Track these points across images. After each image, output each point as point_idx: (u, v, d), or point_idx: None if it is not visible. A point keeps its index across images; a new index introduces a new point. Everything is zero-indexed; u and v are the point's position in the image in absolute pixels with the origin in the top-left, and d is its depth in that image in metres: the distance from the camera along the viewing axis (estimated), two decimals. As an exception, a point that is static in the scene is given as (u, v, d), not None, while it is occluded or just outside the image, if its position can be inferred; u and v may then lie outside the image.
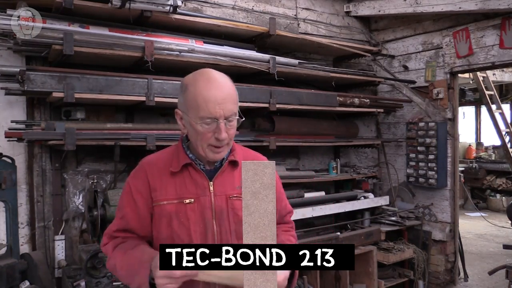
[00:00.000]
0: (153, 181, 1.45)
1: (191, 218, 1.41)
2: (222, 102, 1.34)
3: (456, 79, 4.68)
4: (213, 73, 1.40)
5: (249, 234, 1.10)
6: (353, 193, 4.43)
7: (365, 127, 5.27)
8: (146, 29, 3.30)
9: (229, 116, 1.36)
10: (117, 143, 3.00)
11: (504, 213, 8.02)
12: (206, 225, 1.42)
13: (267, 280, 1.10)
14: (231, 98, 1.37)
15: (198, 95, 1.35)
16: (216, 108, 1.33)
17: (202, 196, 1.43)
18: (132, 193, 1.47)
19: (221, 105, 1.33)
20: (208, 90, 1.34)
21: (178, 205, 1.42)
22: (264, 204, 1.11)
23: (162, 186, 1.45)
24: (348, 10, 5.02)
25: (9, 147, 3.07)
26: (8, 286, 2.68)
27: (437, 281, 4.65)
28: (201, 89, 1.35)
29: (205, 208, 1.43)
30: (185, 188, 1.44)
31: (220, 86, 1.36)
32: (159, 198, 1.44)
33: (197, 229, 1.41)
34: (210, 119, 1.34)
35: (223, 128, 1.35)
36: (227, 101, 1.35)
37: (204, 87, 1.35)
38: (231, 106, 1.36)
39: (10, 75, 2.95)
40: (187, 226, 1.41)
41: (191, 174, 1.45)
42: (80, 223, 3.28)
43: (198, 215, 1.42)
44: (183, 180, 1.45)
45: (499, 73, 8.20)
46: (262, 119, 4.09)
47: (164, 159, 1.50)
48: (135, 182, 1.48)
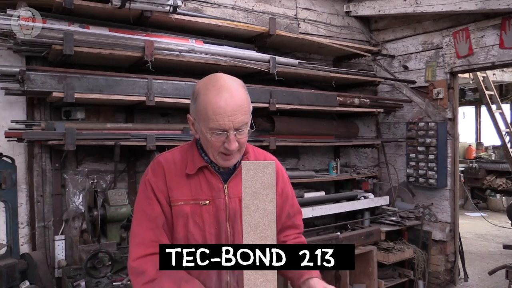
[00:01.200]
0: (170, 181, 1.43)
1: (206, 220, 1.42)
2: (231, 114, 1.31)
3: (456, 79, 4.68)
4: (224, 81, 1.35)
5: (249, 234, 1.10)
6: (353, 193, 4.43)
7: (365, 127, 5.27)
8: (146, 29, 3.30)
9: (239, 127, 1.34)
10: (117, 143, 3.00)
11: (504, 213, 8.02)
12: (220, 227, 1.43)
13: (267, 280, 1.10)
14: (242, 110, 1.33)
15: (208, 106, 1.31)
16: (225, 121, 1.30)
17: (217, 198, 1.44)
18: (154, 191, 1.42)
19: (230, 117, 1.31)
20: (218, 102, 1.30)
21: (194, 206, 1.42)
22: (264, 204, 1.11)
23: (179, 186, 1.43)
24: (348, 10, 5.02)
25: (9, 147, 3.07)
26: (8, 286, 2.67)
27: (437, 281, 4.65)
28: (211, 99, 1.31)
29: (219, 210, 1.43)
30: (201, 189, 1.44)
31: (231, 96, 1.31)
32: (176, 198, 1.42)
33: (211, 230, 1.43)
34: (220, 131, 1.32)
35: (233, 139, 1.33)
36: (237, 112, 1.31)
37: (214, 98, 1.31)
38: (242, 117, 1.33)
39: (10, 75, 2.95)
40: (201, 227, 1.42)
41: (207, 176, 1.45)
42: (80, 223, 3.27)
43: (213, 217, 1.43)
44: (198, 182, 1.44)
45: (499, 73, 8.19)
46: (262, 119, 4.09)
47: (180, 159, 1.47)
48: (155, 180, 1.44)
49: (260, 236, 1.10)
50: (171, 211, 1.43)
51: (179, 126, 3.41)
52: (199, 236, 1.42)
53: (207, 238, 1.42)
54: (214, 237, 1.43)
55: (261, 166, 1.11)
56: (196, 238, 1.42)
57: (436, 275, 4.65)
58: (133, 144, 3.09)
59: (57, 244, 3.11)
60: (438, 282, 4.65)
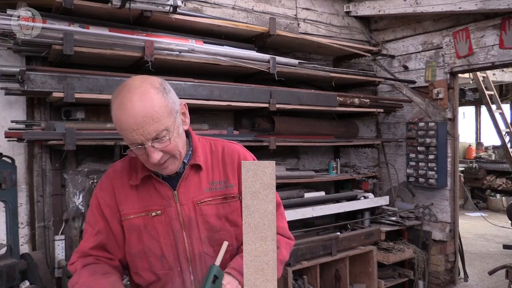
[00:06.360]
0: (119, 194, 1.38)
1: (160, 231, 1.36)
2: (137, 127, 1.20)
3: (456, 79, 4.68)
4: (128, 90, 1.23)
5: (249, 234, 1.10)
6: (353, 193, 4.43)
7: (365, 127, 5.27)
8: (146, 29, 3.30)
9: (155, 137, 1.22)
10: (117, 143, 3.00)
11: (504, 213, 8.03)
12: (175, 237, 1.37)
13: (267, 280, 1.10)
14: (150, 119, 1.20)
15: (116, 122, 1.24)
16: (134, 135, 1.21)
17: (168, 207, 1.36)
18: (101, 207, 1.38)
19: (137, 131, 1.20)
20: (120, 117, 1.21)
21: (145, 218, 1.36)
22: (264, 204, 1.10)
23: (128, 199, 1.37)
24: (348, 10, 5.02)
25: (9, 147, 3.07)
26: (8, 286, 2.67)
27: (437, 281, 4.65)
28: (115, 114, 1.24)
29: (172, 220, 1.36)
30: (151, 199, 1.37)
31: (132, 108, 1.19)
32: (126, 212, 1.37)
33: (167, 241, 1.36)
34: (134, 145, 1.24)
35: (151, 151, 1.23)
36: (144, 124, 1.20)
37: (117, 112, 1.23)
38: (152, 127, 1.21)
39: (10, 75, 2.95)
40: (157, 239, 1.36)
41: (155, 185, 1.38)
42: (80, 223, 3.27)
43: (167, 227, 1.36)
44: (147, 191, 1.37)
45: (499, 73, 8.20)
46: (262, 119, 4.09)
47: (128, 169, 1.40)
48: (103, 194, 1.39)
49: (260, 236, 1.10)
50: (121, 227, 1.38)
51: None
52: (156, 248, 1.36)
53: (164, 249, 1.36)
54: (171, 248, 1.36)
55: (261, 166, 1.11)
56: (153, 251, 1.36)
57: (436, 275, 4.65)
58: (133, 144, 3.09)
59: (57, 244, 3.11)
60: (438, 282, 4.65)
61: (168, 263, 1.37)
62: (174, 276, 1.37)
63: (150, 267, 1.38)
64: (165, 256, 1.36)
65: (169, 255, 1.36)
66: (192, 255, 1.37)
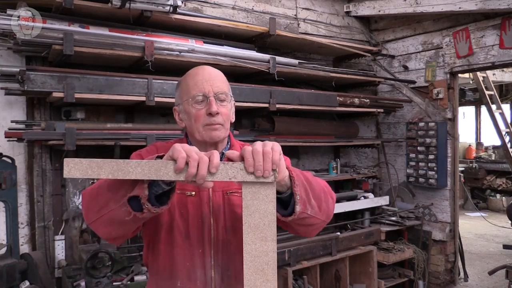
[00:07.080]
0: None
1: (191, 211, 1.41)
2: (209, 79, 1.41)
3: (456, 79, 4.68)
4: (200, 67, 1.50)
5: (249, 235, 1.10)
6: (353, 193, 4.43)
7: (365, 127, 5.27)
8: (146, 29, 3.30)
9: (218, 93, 1.40)
10: (117, 143, 3.00)
11: (504, 213, 8.02)
12: (203, 220, 1.42)
13: (267, 280, 1.10)
14: (221, 78, 1.44)
15: (189, 80, 1.44)
16: (204, 84, 1.39)
17: (202, 190, 1.43)
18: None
19: (209, 82, 1.40)
20: (196, 73, 1.44)
21: (181, 196, 1.41)
22: (264, 204, 1.10)
23: None
24: (348, 10, 5.02)
25: (9, 147, 3.07)
26: (8, 286, 2.68)
27: (437, 281, 4.65)
28: (191, 74, 1.45)
29: (203, 203, 1.42)
30: None
31: (208, 69, 1.46)
32: None
33: (194, 223, 1.41)
34: (200, 96, 1.39)
35: (213, 102, 1.38)
36: (216, 79, 1.42)
37: (193, 72, 1.46)
38: (220, 84, 1.42)
39: (10, 75, 2.95)
40: (185, 218, 1.41)
41: None
42: (80, 223, 3.27)
43: (197, 209, 1.42)
44: None
45: (499, 73, 8.19)
46: (262, 119, 4.09)
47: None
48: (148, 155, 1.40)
49: (260, 236, 1.10)
50: None
51: (179, 126, 3.40)
52: (183, 226, 1.41)
53: (190, 230, 1.40)
54: (197, 230, 1.40)
55: (261, 166, 1.11)
56: (180, 228, 1.41)
57: (436, 275, 4.65)
58: (133, 144, 3.09)
59: (57, 244, 3.11)
60: (438, 282, 4.65)
61: (190, 243, 1.41)
62: (194, 257, 1.40)
63: (172, 241, 1.41)
64: (190, 236, 1.40)
65: (193, 235, 1.40)
66: (216, 240, 1.41)
